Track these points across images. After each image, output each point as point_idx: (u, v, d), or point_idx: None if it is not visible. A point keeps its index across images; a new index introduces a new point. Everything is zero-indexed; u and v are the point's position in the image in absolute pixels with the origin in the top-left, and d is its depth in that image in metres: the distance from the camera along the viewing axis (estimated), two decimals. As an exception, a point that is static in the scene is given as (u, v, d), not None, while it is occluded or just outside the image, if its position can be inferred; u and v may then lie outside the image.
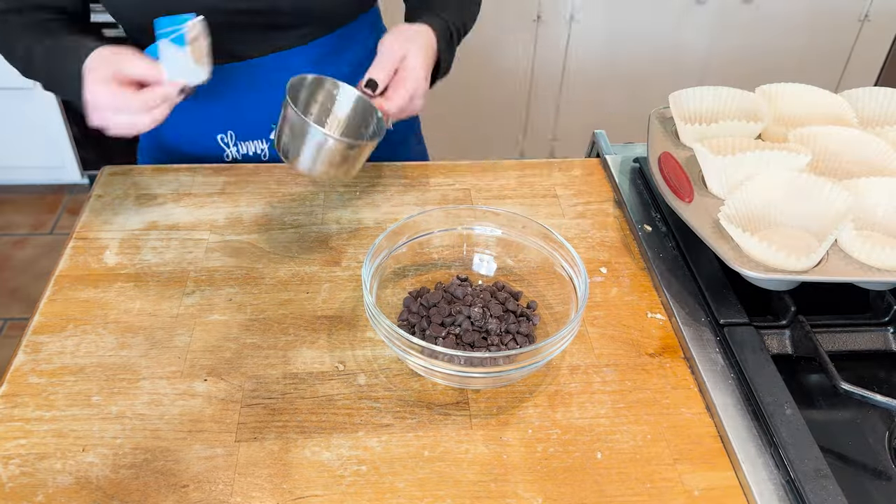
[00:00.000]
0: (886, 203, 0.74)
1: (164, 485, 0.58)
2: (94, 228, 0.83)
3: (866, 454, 0.62)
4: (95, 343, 0.69)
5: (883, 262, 0.68)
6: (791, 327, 0.71)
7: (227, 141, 0.94)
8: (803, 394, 0.67)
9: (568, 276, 0.71)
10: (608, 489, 0.59)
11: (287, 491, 0.58)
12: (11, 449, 0.61)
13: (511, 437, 0.63)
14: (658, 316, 0.75)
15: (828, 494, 0.56)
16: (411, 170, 0.93)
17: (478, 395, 0.66)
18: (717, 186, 0.77)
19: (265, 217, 0.85)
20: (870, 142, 0.79)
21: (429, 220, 0.75)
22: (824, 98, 0.87)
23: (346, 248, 0.81)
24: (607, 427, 0.64)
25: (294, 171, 0.76)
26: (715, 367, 0.68)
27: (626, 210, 0.87)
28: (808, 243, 0.73)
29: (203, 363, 0.68)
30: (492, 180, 0.92)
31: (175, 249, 0.80)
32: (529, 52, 2.11)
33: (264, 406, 0.64)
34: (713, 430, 0.64)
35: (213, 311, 0.73)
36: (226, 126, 0.93)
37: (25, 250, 2.17)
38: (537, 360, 0.63)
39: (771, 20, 2.09)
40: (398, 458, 0.61)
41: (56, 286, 0.75)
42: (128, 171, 0.91)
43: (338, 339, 0.71)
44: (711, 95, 0.88)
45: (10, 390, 0.65)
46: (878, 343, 0.72)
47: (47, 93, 2.10)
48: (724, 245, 0.71)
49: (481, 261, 0.78)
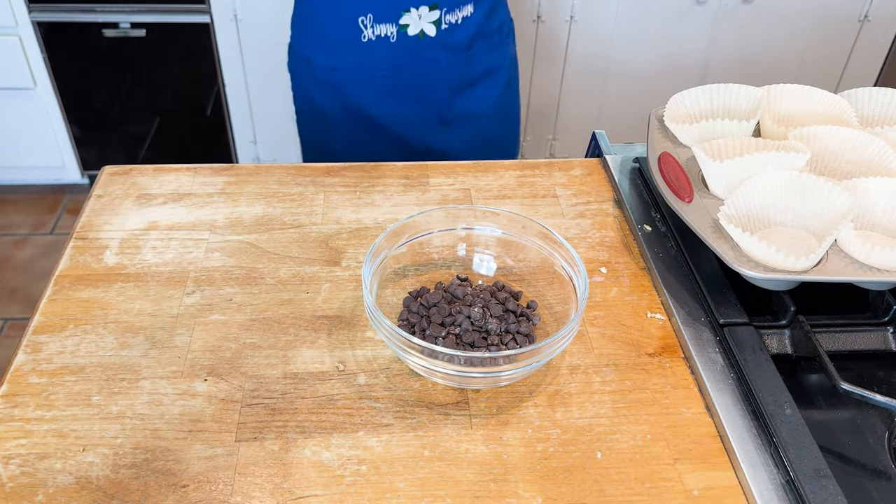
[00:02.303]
0: (886, 203, 0.74)
1: (165, 484, 0.58)
2: (94, 228, 0.83)
3: (866, 454, 0.62)
4: (95, 343, 0.70)
5: (883, 262, 0.68)
6: (791, 327, 0.71)
7: (365, 23, 1.09)
8: (803, 394, 0.67)
9: (568, 276, 0.71)
10: (608, 489, 0.59)
11: (287, 491, 0.58)
12: (11, 449, 0.61)
13: (511, 437, 0.63)
14: (658, 316, 0.75)
15: (828, 494, 0.56)
16: (411, 170, 0.93)
17: (478, 395, 0.66)
18: (717, 188, 0.77)
19: (265, 217, 0.85)
20: (870, 142, 0.79)
21: (429, 220, 0.76)
22: (824, 98, 0.87)
23: (346, 248, 0.81)
24: (607, 427, 0.64)
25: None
26: (715, 367, 0.68)
27: (626, 210, 0.87)
28: (807, 243, 0.73)
29: (203, 363, 0.68)
30: (492, 180, 0.92)
31: (175, 249, 0.80)
32: (529, 52, 2.11)
33: (264, 406, 0.65)
34: (713, 429, 0.64)
35: (213, 311, 0.73)
36: (366, 9, 1.09)
37: (25, 250, 2.17)
38: (537, 360, 0.63)
39: (771, 20, 2.09)
40: (398, 457, 0.61)
41: (56, 286, 0.75)
42: (128, 171, 0.92)
43: (338, 339, 0.71)
44: (707, 94, 0.88)
45: (11, 390, 0.65)
46: (878, 343, 0.72)
47: (47, 93, 2.12)
48: (724, 245, 0.71)
49: (481, 261, 0.78)
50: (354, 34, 1.10)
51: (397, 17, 1.08)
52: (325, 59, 1.14)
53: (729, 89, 0.88)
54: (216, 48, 2.04)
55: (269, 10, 1.97)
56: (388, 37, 1.10)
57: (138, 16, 1.97)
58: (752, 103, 0.87)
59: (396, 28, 1.09)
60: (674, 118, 0.87)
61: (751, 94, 0.87)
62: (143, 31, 2.00)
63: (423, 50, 1.13)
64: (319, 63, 1.15)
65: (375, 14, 1.08)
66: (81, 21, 1.98)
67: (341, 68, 1.14)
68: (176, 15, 1.98)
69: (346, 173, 0.92)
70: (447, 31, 1.12)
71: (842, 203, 0.71)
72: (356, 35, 1.10)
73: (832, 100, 0.86)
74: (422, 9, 1.08)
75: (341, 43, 1.12)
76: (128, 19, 1.98)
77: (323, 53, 1.14)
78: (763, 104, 0.85)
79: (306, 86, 1.21)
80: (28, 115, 2.14)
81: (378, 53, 1.12)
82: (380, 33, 1.09)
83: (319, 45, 1.14)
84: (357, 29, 1.09)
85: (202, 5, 1.96)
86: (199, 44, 2.03)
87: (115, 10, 1.96)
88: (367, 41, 1.10)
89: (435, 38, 1.11)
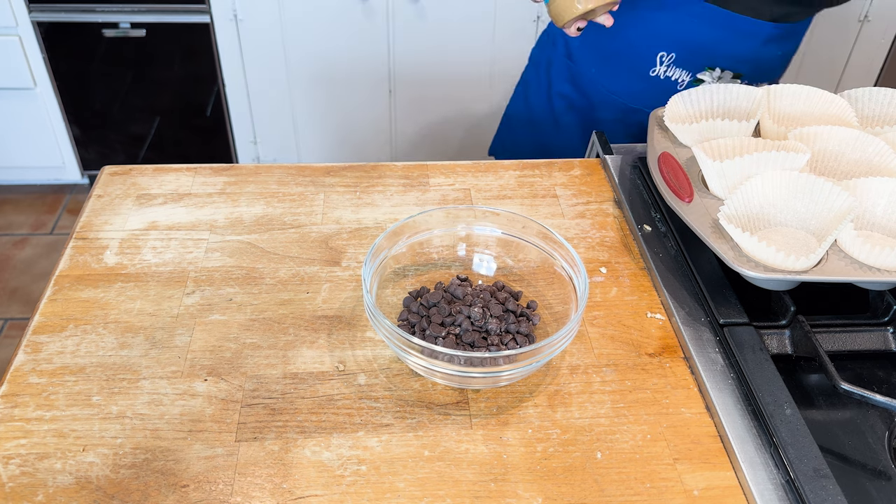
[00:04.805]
0: (886, 203, 0.74)
1: (165, 484, 0.58)
2: (94, 228, 0.83)
3: (866, 454, 0.62)
4: (95, 343, 0.70)
5: (883, 262, 0.68)
6: (791, 327, 0.71)
7: (664, 59, 1.01)
8: (803, 394, 0.67)
9: (568, 276, 0.71)
10: (608, 489, 0.59)
11: (287, 491, 0.58)
12: (11, 449, 0.61)
13: (511, 437, 0.63)
14: (658, 316, 0.75)
15: (827, 494, 0.56)
16: (411, 170, 0.93)
17: (478, 395, 0.66)
18: (717, 188, 0.77)
19: (265, 217, 0.85)
20: (870, 142, 0.79)
21: (429, 220, 0.76)
22: (824, 98, 0.87)
23: (346, 248, 0.81)
24: (607, 427, 0.64)
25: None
26: (715, 367, 0.68)
27: (626, 210, 0.87)
28: (807, 243, 0.73)
29: (203, 363, 0.68)
30: (492, 180, 0.92)
31: (175, 249, 0.80)
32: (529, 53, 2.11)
33: (264, 406, 0.65)
34: (713, 429, 0.64)
35: (213, 311, 0.73)
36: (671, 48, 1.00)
37: (25, 250, 2.17)
38: (537, 360, 0.63)
39: (771, 20, 2.09)
40: (398, 457, 0.61)
41: (56, 286, 0.75)
42: (128, 171, 0.92)
43: (338, 339, 0.71)
44: (707, 94, 0.88)
45: (11, 390, 0.65)
46: (878, 343, 0.72)
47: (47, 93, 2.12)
48: (724, 245, 0.71)
49: (481, 261, 0.78)
50: (646, 65, 1.03)
51: (698, 70, 1.01)
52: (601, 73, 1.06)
53: (729, 89, 0.88)
54: (216, 48, 2.04)
55: (269, 10, 1.97)
56: (678, 81, 1.02)
57: (138, 16, 1.97)
58: (752, 103, 0.87)
59: (690, 77, 1.02)
60: (674, 118, 0.87)
61: (751, 94, 0.87)
62: (143, 31, 2.00)
63: None
64: (587, 69, 1.07)
65: (678, 56, 1.00)
66: (81, 21, 1.98)
67: (607, 86, 1.06)
68: (176, 15, 1.98)
69: (345, 173, 0.92)
70: None
71: (842, 203, 0.71)
72: (647, 67, 1.03)
73: (832, 100, 0.86)
74: (726, 72, 1.01)
75: (627, 67, 1.04)
76: (128, 19, 1.98)
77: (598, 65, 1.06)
78: (763, 104, 0.85)
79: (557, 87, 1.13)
80: (28, 115, 2.14)
81: (656, 90, 1.04)
82: (671, 75, 1.02)
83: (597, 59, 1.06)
84: (651, 62, 1.02)
85: (202, 5, 1.96)
86: (199, 44, 2.03)
87: (115, 10, 1.96)
88: (654, 76, 1.03)
89: None
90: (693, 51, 1.00)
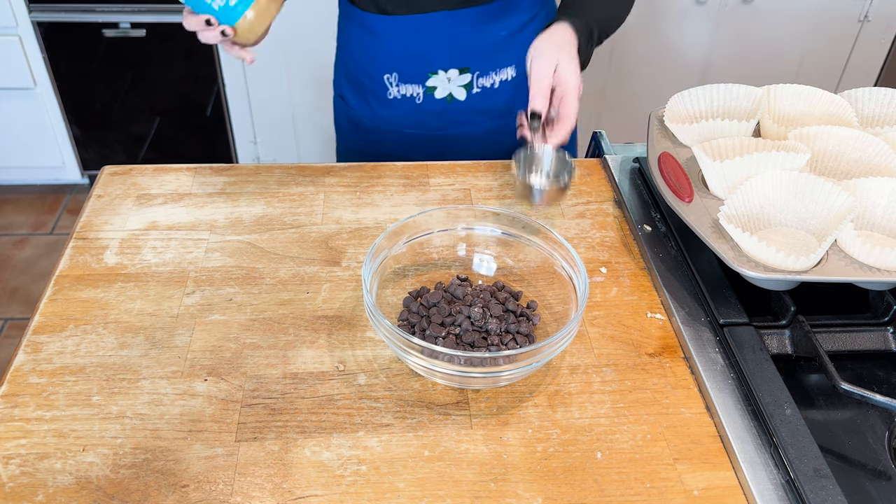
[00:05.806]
0: (886, 203, 0.74)
1: (165, 484, 0.58)
2: (94, 228, 0.83)
3: (866, 454, 0.62)
4: (95, 343, 0.70)
5: (883, 262, 0.68)
6: (791, 327, 0.71)
7: (391, 80, 1.02)
8: (803, 394, 0.67)
9: (568, 276, 0.71)
10: (608, 489, 0.59)
11: (287, 491, 0.58)
12: (12, 449, 0.61)
13: (511, 437, 0.63)
14: (658, 316, 0.75)
15: (827, 494, 0.56)
16: (411, 170, 0.93)
17: (478, 395, 0.66)
18: (717, 188, 0.77)
19: (265, 217, 0.85)
20: (870, 142, 0.79)
21: (429, 220, 0.76)
22: (824, 98, 0.87)
23: (346, 248, 0.81)
24: (607, 427, 0.64)
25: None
26: (715, 367, 0.68)
27: (626, 210, 0.87)
28: (807, 243, 0.73)
29: (203, 363, 0.68)
30: (492, 180, 0.92)
31: (175, 249, 0.80)
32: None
33: (264, 406, 0.65)
34: (713, 429, 0.64)
35: (213, 311, 0.73)
36: (391, 68, 1.02)
37: (25, 250, 2.17)
38: (537, 360, 0.63)
39: (771, 20, 2.09)
40: (398, 457, 0.61)
41: (56, 286, 0.75)
42: (128, 171, 0.92)
43: (338, 339, 0.71)
44: (707, 94, 0.88)
45: (11, 390, 0.65)
46: (878, 343, 0.72)
47: (47, 93, 2.12)
48: (724, 245, 0.71)
49: (481, 261, 0.78)
50: (382, 89, 1.03)
51: (424, 79, 1.01)
52: (357, 103, 1.08)
53: (729, 89, 0.88)
54: (216, 48, 2.04)
55: (269, 10, 1.97)
56: (415, 97, 1.03)
57: (138, 16, 1.97)
58: (752, 103, 0.87)
59: (423, 90, 1.01)
60: (674, 118, 0.87)
61: (751, 94, 0.87)
62: (143, 31, 2.00)
63: (451, 114, 1.04)
64: (352, 104, 1.09)
65: (400, 74, 1.01)
66: (81, 21, 1.98)
67: (370, 117, 1.07)
68: (176, 15, 1.97)
69: (346, 173, 0.92)
70: (479, 95, 1.03)
71: (842, 203, 0.71)
72: (383, 91, 1.03)
73: (832, 100, 0.86)
74: (451, 71, 1.00)
75: (371, 94, 1.05)
76: (128, 19, 1.98)
77: (355, 97, 1.08)
78: (763, 104, 0.85)
79: (340, 118, 1.14)
80: (28, 115, 2.14)
81: (404, 111, 1.05)
82: (405, 93, 1.02)
83: (352, 89, 1.08)
84: (384, 85, 1.03)
85: (202, 5, 1.96)
86: (199, 44, 2.02)
87: (115, 10, 1.96)
88: (392, 98, 1.03)
89: (464, 103, 1.03)
90: (408, 63, 1.01)
